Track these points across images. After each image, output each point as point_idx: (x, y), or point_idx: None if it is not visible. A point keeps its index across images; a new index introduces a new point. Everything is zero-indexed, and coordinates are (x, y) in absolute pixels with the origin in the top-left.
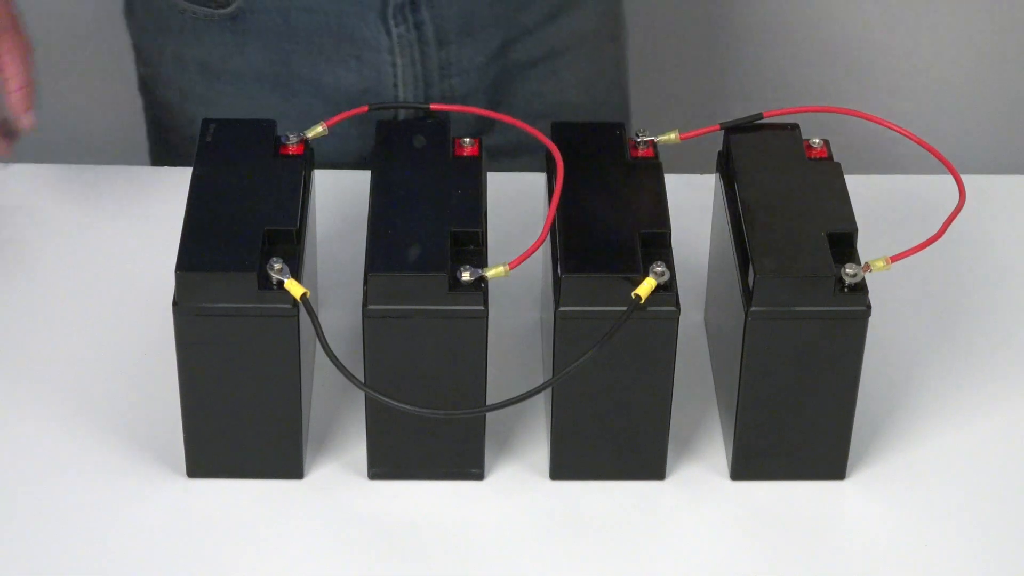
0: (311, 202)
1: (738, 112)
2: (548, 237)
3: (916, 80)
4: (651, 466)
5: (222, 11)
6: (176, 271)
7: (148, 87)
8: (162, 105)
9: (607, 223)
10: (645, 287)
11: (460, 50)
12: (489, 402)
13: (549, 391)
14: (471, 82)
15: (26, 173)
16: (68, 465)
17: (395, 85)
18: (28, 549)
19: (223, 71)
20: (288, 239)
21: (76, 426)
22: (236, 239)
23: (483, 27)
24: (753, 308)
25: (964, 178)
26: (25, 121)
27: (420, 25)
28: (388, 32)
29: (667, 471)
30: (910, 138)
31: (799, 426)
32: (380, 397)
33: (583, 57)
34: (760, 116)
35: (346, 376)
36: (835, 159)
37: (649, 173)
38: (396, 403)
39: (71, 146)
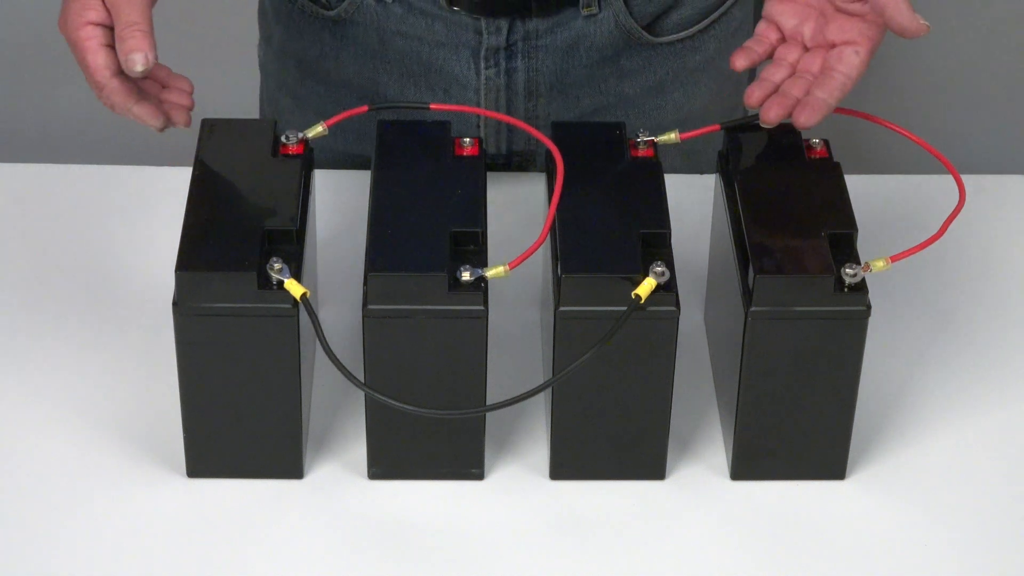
0: (311, 202)
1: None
2: (548, 237)
3: (916, 80)
4: (651, 466)
5: (326, 12)
6: (176, 271)
7: (263, 69)
8: (267, 91)
9: (607, 223)
10: (645, 287)
11: (548, 104)
12: (489, 402)
13: (549, 391)
14: None
15: (27, 173)
16: (68, 465)
17: (478, 125)
18: (29, 549)
19: (316, 70)
20: (288, 239)
21: (76, 426)
22: (236, 239)
23: (577, 86)
24: (753, 308)
25: (964, 178)
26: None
27: (511, 72)
28: (478, 72)
29: (667, 471)
30: (910, 138)
31: (799, 426)
32: (380, 397)
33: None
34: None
35: (346, 376)
36: (835, 159)
37: (649, 173)
38: (396, 403)
39: (71, 146)
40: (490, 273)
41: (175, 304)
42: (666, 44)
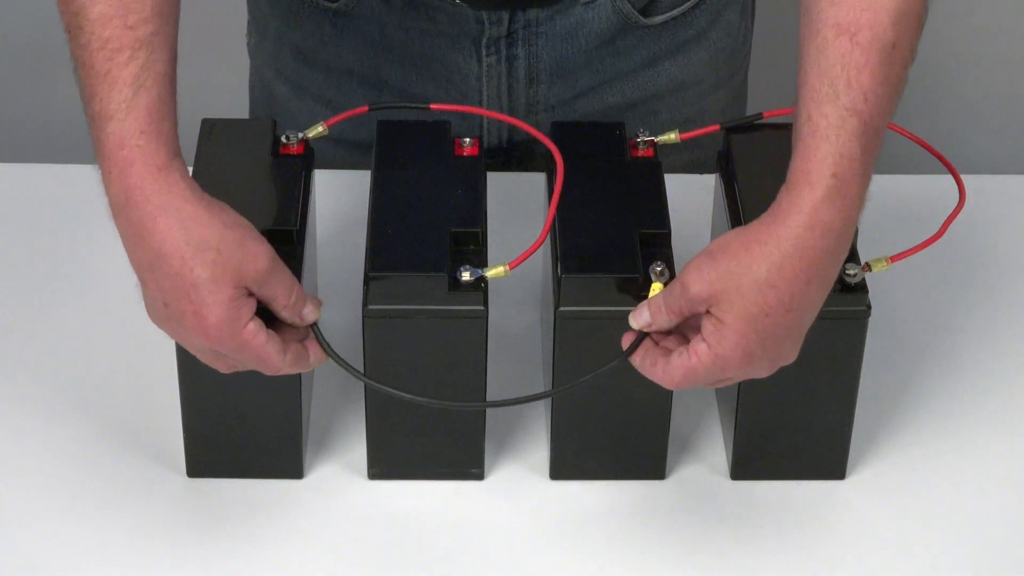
0: (311, 202)
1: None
2: (548, 237)
3: (916, 80)
4: (651, 466)
5: (327, 3)
6: None
7: (254, 57)
8: (260, 78)
9: (607, 223)
10: (653, 293)
11: (549, 89)
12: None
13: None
14: (558, 117)
15: (27, 173)
16: (68, 465)
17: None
18: (28, 549)
19: (316, 59)
20: (288, 239)
21: (76, 426)
22: None
23: (576, 70)
24: None
25: (964, 178)
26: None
27: (512, 60)
28: (479, 61)
29: (667, 471)
30: (910, 138)
31: (799, 426)
32: (379, 386)
33: (685, 102)
34: (760, 116)
35: (345, 368)
36: None
37: (649, 173)
38: (395, 391)
39: (71, 146)
40: (490, 273)
41: None
42: (659, 23)
